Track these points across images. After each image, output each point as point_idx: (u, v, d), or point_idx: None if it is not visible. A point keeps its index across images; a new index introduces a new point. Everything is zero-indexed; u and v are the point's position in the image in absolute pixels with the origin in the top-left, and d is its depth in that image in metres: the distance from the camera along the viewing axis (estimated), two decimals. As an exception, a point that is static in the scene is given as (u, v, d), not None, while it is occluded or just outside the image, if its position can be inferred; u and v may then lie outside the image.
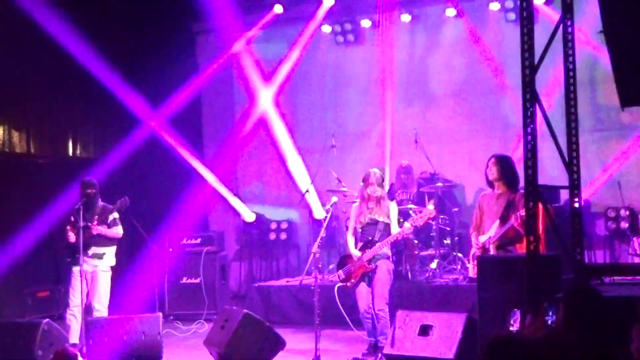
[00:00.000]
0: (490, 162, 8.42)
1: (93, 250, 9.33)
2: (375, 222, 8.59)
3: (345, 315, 8.82)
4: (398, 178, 11.37)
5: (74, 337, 9.08)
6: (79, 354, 6.11)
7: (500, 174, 8.32)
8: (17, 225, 11.87)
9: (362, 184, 8.75)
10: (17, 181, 12.16)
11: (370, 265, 8.48)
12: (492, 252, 8.25)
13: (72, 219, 9.40)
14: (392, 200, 9.21)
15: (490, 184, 8.48)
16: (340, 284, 8.74)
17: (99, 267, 9.41)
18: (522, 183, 7.02)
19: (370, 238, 8.56)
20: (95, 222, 9.27)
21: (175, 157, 13.38)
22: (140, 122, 13.20)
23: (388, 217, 8.60)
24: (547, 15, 11.15)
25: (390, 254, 8.69)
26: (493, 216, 8.36)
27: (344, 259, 8.79)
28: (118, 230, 9.50)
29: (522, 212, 7.77)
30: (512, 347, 3.71)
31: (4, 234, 11.64)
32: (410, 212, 10.28)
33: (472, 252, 8.69)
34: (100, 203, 9.51)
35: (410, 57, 12.86)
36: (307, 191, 11.54)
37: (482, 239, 8.42)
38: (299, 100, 13.66)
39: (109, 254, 9.50)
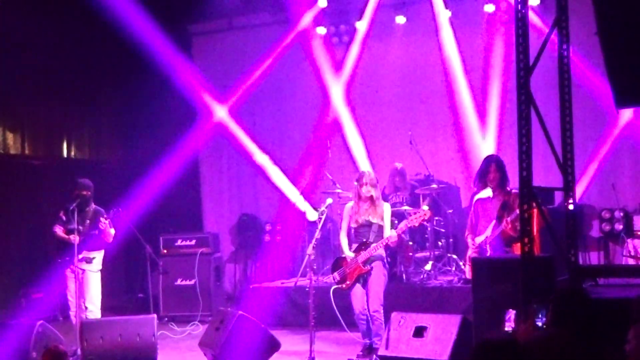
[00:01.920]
0: (492, 168, 8.49)
1: (84, 254, 9.31)
2: (369, 224, 8.58)
3: (340, 317, 8.82)
4: (392, 181, 11.31)
5: None
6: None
7: (501, 179, 8.46)
8: (12, 226, 11.87)
9: (355, 183, 8.75)
10: (12, 182, 12.16)
11: (366, 267, 8.48)
12: (489, 252, 8.31)
13: (63, 217, 9.39)
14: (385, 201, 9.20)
15: (484, 185, 8.55)
16: (335, 286, 8.74)
17: (89, 270, 9.39)
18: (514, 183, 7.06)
19: (364, 240, 8.55)
20: (87, 224, 9.27)
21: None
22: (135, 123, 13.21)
23: (382, 219, 8.60)
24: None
25: (384, 255, 8.69)
26: (488, 218, 8.43)
27: (338, 261, 8.78)
28: (111, 232, 9.49)
29: (512, 217, 7.93)
30: (500, 349, 3.69)
31: (-2, 235, 11.65)
32: (405, 213, 10.28)
33: (468, 254, 8.72)
34: (93, 206, 9.47)
35: (405, 58, 12.84)
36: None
37: (479, 240, 8.46)
38: (294, 102, 13.65)
39: (98, 258, 9.50)
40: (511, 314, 6.27)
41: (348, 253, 8.62)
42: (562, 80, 7.04)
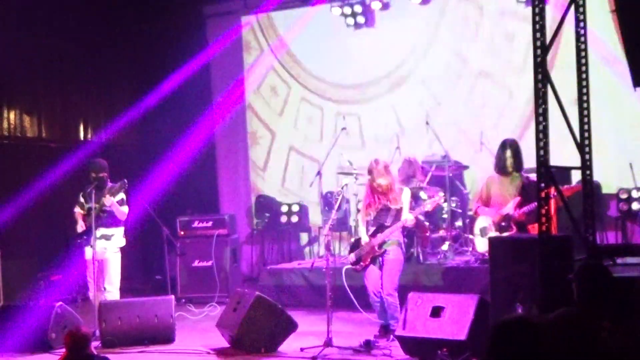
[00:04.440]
0: (507, 154, 8.70)
1: (102, 231, 9.35)
2: (387, 209, 8.58)
3: (353, 298, 8.83)
4: (404, 172, 11.24)
5: None
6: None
7: (517, 162, 8.72)
8: (29, 209, 11.93)
9: (368, 176, 8.76)
10: (29, 165, 12.21)
11: (380, 250, 8.49)
12: (514, 229, 8.59)
13: (82, 200, 9.44)
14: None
15: (504, 171, 8.71)
16: (349, 266, 8.78)
17: (108, 248, 9.43)
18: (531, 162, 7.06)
19: (381, 223, 8.56)
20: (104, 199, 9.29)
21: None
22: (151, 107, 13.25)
23: (400, 202, 8.59)
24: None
25: (401, 239, 8.69)
26: (505, 193, 8.67)
27: (357, 242, 8.82)
28: (125, 210, 9.51)
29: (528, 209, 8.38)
30: (520, 329, 3.66)
31: (16, 217, 11.70)
32: (422, 193, 10.29)
33: (478, 227, 9.09)
34: (109, 184, 9.51)
35: (420, 39, 12.78)
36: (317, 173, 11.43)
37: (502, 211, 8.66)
38: (310, 83, 13.63)
39: (118, 235, 9.52)
40: (529, 302, 6.28)
41: (364, 238, 8.65)
42: (579, 59, 6.99)
